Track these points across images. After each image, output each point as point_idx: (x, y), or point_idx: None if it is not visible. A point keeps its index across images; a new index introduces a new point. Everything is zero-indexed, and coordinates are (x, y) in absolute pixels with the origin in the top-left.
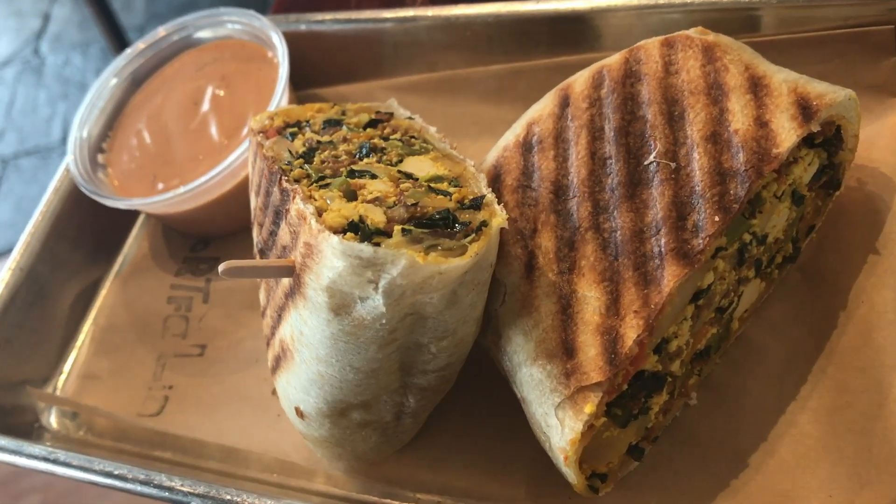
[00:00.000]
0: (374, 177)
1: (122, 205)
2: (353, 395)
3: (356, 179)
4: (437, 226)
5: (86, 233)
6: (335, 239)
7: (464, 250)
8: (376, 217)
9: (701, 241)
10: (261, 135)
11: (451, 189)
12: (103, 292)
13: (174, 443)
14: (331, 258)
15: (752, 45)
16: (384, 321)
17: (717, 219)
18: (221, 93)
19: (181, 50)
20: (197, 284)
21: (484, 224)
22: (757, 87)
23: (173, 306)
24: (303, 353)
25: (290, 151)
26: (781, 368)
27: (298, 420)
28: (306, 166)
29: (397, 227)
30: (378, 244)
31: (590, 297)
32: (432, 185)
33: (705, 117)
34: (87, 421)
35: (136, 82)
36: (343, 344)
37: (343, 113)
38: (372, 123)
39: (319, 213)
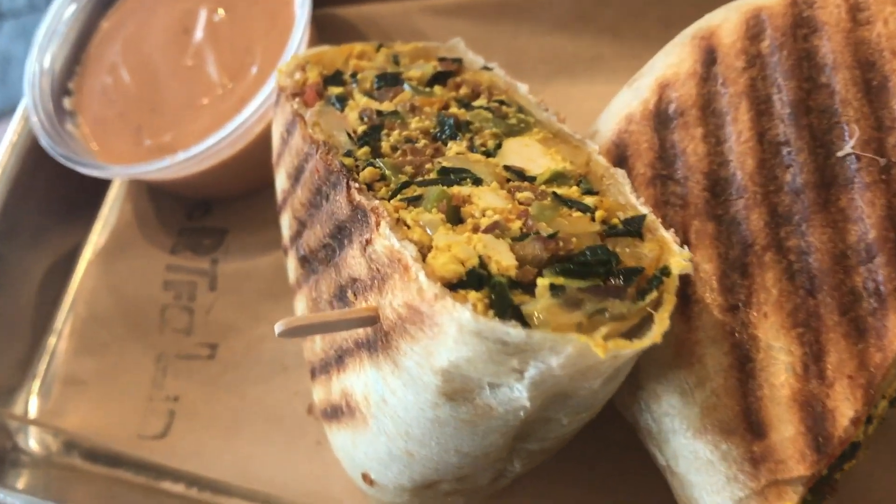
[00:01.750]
0: (477, 181)
1: (103, 174)
2: (449, 473)
3: (455, 188)
4: (593, 273)
5: (53, 196)
6: (467, 315)
7: (640, 316)
8: (504, 259)
9: None
10: (296, 99)
11: (588, 199)
12: (80, 272)
13: (186, 471)
14: (457, 338)
15: None
16: (522, 413)
17: None
18: (219, 17)
19: None
20: (200, 266)
21: (665, 273)
22: None
23: (172, 293)
24: (383, 423)
25: (345, 131)
26: None
27: (364, 484)
28: (378, 161)
29: (543, 283)
30: (527, 321)
31: (777, 350)
32: (558, 190)
33: None
34: (74, 439)
35: (105, 2)
36: (451, 429)
37: (395, 60)
38: (438, 77)
39: (421, 252)
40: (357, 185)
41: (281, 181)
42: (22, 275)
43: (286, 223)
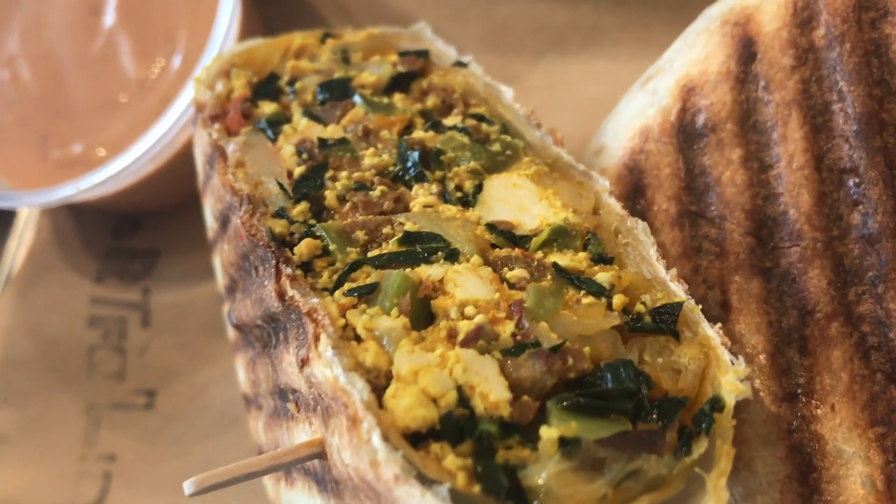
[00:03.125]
0: (451, 254)
1: (4, 204)
2: None
3: (423, 268)
4: (616, 408)
5: None
6: None
7: (685, 479)
8: (492, 390)
9: None
10: (216, 125)
11: (600, 273)
12: None
13: None
14: None
15: None
16: None
17: None
18: None
19: None
20: (130, 297)
21: (717, 406)
22: None
23: (100, 331)
24: None
25: (276, 178)
26: None
27: None
28: (319, 228)
29: (549, 435)
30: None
31: (850, 456)
32: (557, 258)
33: None
34: None
35: None
36: None
37: (345, 57)
38: (399, 81)
39: (377, 383)
40: (290, 271)
41: (208, 216)
42: None
43: (217, 269)
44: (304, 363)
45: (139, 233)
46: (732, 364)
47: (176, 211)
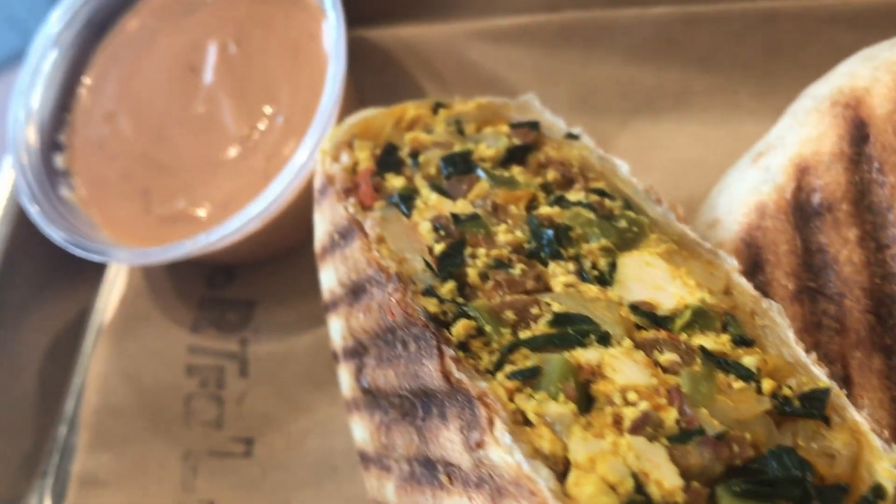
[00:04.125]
0: (603, 337)
1: (110, 259)
2: None
3: (578, 352)
4: (783, 494)
5: (51, 261)
6: None
7: None
8: (665, 477)
9: None
10: (350, 199)
11: (745, 355)
12: (87, 348)
13: None
14: None
15: None
16: None
17: None
18: (231, 52)
19: None
20: (228, 347)
21: (879, 493)
22: None
23: (197, 380)
24: None
25: (420, 254)
26: None
27: None
28: (472, 309)
29: None
30: None
31: None
32: (704, 341)
33: None
34: None
35: (94, 31)
36: None
37: (459, 128)
38: (514, 153)
39: (555, 470)
40: (452, 353)
41: (329, 281)
42: (21, 355)
43: (337, 330)
44: (478, 446)
45: (234, 283)
46: (885, 450)
47: (269, 263)
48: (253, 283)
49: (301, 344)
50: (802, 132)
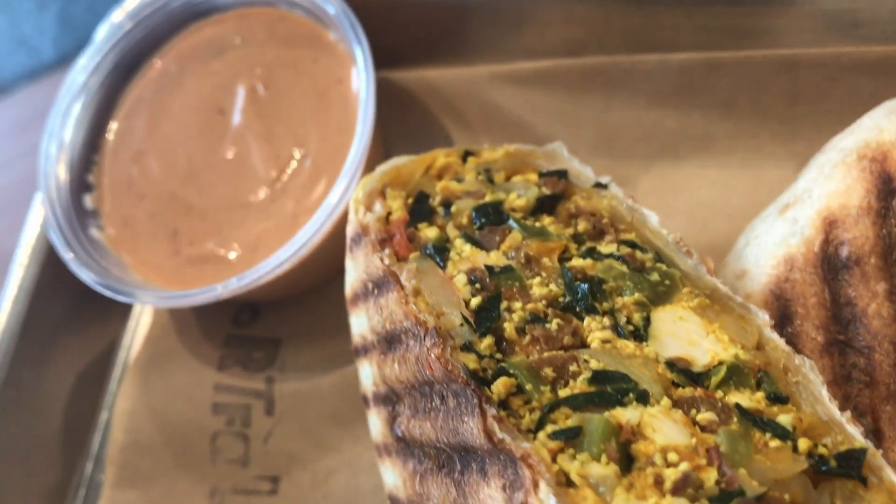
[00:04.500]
0: (642, 396)
1: (141, 301)
2: None
3: (619, 411)
4: None
5: (78, 299)
6: None
7: None
8: None
9: None
10: (385, 250)
11: (780, 414)
12: (113, 385)
13: None
14: None
15: None
16: None
17: None
18: (259, 96)
19: (187, 21)
20: (254, 386)
21: None
22: None
23: (223, 418)
24: None
25: (457, 308)
26: None
27: None
28: (512, 366)
29: None
30: None
31: None
32: (740, 399)
33: None
34: None
35: (123, 72)
36: None
37: (488, 176)
38: (544, 203)
39: None
40: (493, 412)
41: (360, 326)
42: (48, 392)
43: (368, 376)
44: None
45: (259, 321)
46: None
47: (294, 301)
48: (279, 321)
49: (327, 383)
50: (830, 185)
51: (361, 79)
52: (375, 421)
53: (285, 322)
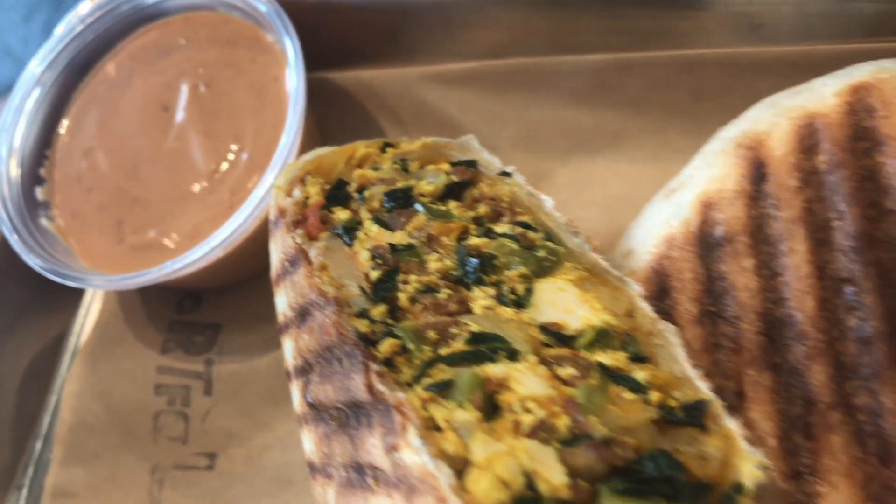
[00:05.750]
0: (512, 353)
1: (84, 285)
2: None
3: (489, 367)
4: (658, 493)
5: (30, 293)
6: None
7: None
8: (553, 475)
9: None
10: (298, 230)
11: (638, 370)
12: (63, 369)
13: None
14: None
15: None
16: None
17: None
18: (202, 92)
19: (135, 25)
20: (194, 368)
21: (738, 490)
22: None
23: (164, 398)
24: None
25: (357, 282)
26: None
27: None
28: (399, 329)
29: None
30: None
31: None
32: (601, 357)
33: None
34: None
35: (75, 73)
36: None
37: (404, 166)
38: (452, 189)
39: (457, 469)
40: (377, 368)
41: (281, 304)
42: (1, 376)
43: (289, 350)
44: (393, 449)
45: (201, 308)
46: (751, 453)
47: (235, 288)
48: (219, 307)
49: (262, 364)
50: (710, 172)
51: (292, 74)
52: (295, 393)
53: (225, 308)
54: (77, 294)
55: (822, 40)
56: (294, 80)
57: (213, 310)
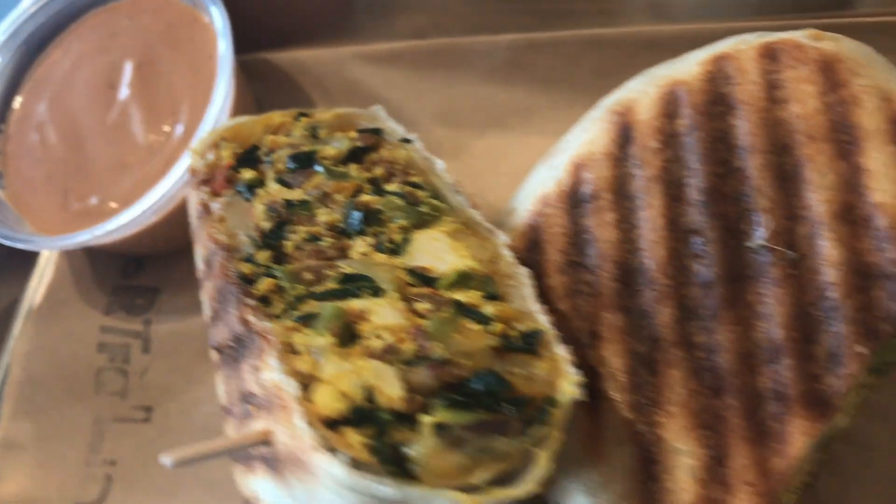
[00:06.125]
0: (375, 290)
1: (31, 246)
2: None
3: (352, 302)
4: (481, 405)
5: None
6: (338, 470)
7: (524, 455)
8: (392, 390)
9: (839, 382)
10: (203, 188)
11: (489, 307)
12: (15, 334)
13: None
14: (332, 489)
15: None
16: None
17: (860, 349)
18: (143, 71)
19: (87, 8)
20: (133, 327)
21: (551, 403)
22: None
23: (106, 356)
24: None
25: (248, 231)
26: (893, 473)
27: None
28: (277, 270)
29: (427, 421)
30: (397, 468)
31: (683, 452)
32: (458, 295)
33: (833, 179)
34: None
35: (30, 52)
36: None
37: (314, 133)
38: (355, 154)
39: (304, 385)
40: (250, 302)
41: (198, 260)
42: None
43: (204, 303)
44: (256, 370)
45: (143, 273)
46: (572, 375)
47: (174, 255)
48: (159, 272)
49: (196, 324)
50: (584, 136)
51: (221, 41)
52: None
53: (165, 273)
54: (30, 262)
55: (717, 19)
56: (223, 45)
57: (153, 274)
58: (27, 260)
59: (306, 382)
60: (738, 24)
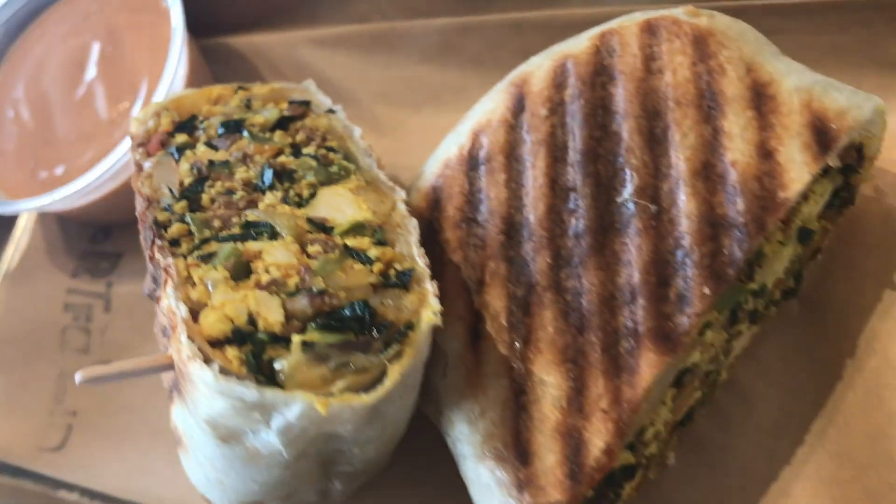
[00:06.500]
0: (274, 235)
1: (3, 211)
2: (264, 495)
3: (250, 244)
4: (349, 329)
5: None
6: (208, 375)
7: (381, 371)
8: (272, 316)
9: (686, 320)
10: (140, 150)
11: (375, 251)
12: None
13: (80, 481)
14: (207, 394)
15: (757, 8)
16: (284, 455)
17: (706, 290)
18: (108, 52)
19: None
20: (96, 289)
21: (410, 327)
22: (761, 100)
23: (71, 315)
24: (197, 455)
25: (170, 188)
26: (774, 424)
27: None
28: (189, 217)
29: (296, 340)
30: (266, 379)
31: (548, 384)
32: (350, 241)
33: (695, 140)
34: None
35: (9, 34)
36: (240, 464)
37: (248, 104)
38: (282, 123)
39: (196, 310)
40: (161, 242)
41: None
42: None
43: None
44: (158, 300)
45: (109, 239)
46: (434, 305)
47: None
48: (123, 238)
49: None
50: (487, 105)
51: (174, 14)
52: None
53: (128, 239)
54: (7, 230)
55: (638, 4)
56: (176, 28)
57: (118, 241)
58: (4, 228)
59: (197, 309)
60: (657, 6)
